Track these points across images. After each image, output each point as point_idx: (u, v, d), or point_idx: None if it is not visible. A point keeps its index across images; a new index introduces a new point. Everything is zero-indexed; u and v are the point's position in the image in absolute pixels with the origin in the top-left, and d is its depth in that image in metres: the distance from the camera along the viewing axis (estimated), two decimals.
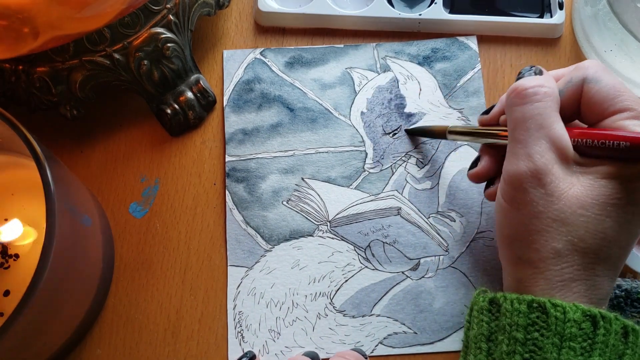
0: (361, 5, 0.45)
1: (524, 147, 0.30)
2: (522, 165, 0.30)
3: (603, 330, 0.28)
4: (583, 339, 0.28)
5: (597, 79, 0.31)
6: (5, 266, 0.36)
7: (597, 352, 0.28)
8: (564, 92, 0.32)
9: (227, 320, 0.38)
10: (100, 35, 0.37)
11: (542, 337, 0.28)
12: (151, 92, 0.40)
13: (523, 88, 0.31)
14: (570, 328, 0.28)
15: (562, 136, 0.30)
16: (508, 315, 0.29)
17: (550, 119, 0.30)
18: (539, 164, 0.30)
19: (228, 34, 0.45)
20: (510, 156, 0.31)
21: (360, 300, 0.38)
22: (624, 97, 0.30)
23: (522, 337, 0.29)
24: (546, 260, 0.29)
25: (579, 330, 0.28)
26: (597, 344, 0.28)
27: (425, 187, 0.41)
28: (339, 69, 0.44)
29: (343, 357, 0.34)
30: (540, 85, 0.31)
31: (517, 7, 0.45)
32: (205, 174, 0.41)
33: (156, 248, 0.39)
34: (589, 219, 0.29)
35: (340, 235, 0.39)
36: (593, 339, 0.28)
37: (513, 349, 0.29)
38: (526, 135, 0.30)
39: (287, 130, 0.42)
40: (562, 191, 0.29)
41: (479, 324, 0.31)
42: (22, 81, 0.38)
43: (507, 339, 0.29)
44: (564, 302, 0.28)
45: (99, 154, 0.42)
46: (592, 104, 0.31)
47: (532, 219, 0.30)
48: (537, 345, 0.28)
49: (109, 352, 0.37)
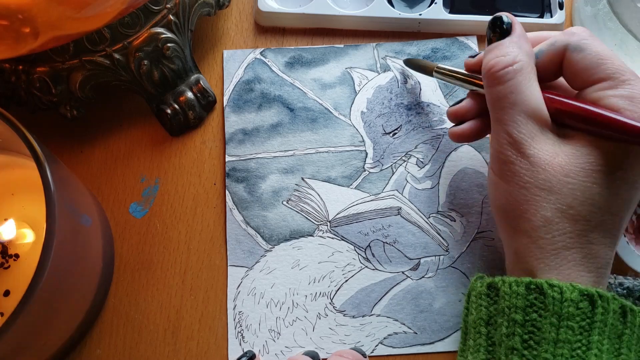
0: (361, 5, 0.45)
1: (502, 124, 0.31)
2: (504, 141, 0.31)
3: (601, 309, 0.28)
4: (581, 318, 0.28)
5: (581, 47, 0.31)
6: (5, 266, 0.36)
7: (597, 330, 0.28)
8: (544, 53, 0.33)
9: (227, 320, 0.38)
10: (100, 35, 0.37)
11: (540, 317, 0.28)
12: (151, 92, 0.40)
13: (494, 70, 0.32)
14: (567, 307, 0.28)
15: (537, 108, 0.31)
16: (507, 298, 0.30)
17: (522, 95, 0.31)
18: (517, 139, 0.31)
19: (228, 34, 0.45)
20: (493, 133, 0.32)
21: (360, 300, 0.38)
22: (607, 65, 0.31)
23: (520, 319, 0.29)
24: (537, 229, 0.30)
25: (576, 309, 0.28)
26: (596, 322, 0.28)
27: (425, 187, 0.41)
28: (339, 69, 0.44)
29: (342, 356, 0.34)
30: (511, 62, 0.31)
31: (517, 7, 0.45)
32: (205, 174, 0.41)
33: (156, 248, 0.39)
34: (576, 186, 0.29)
35: (341, 235, 0.39)
36: (592, 318, 0.28)
37: (512, 330, 0.29)
38: (502, 113, 0.31)
39: (287, 130, 0.42)
40: (546, 161, 0.30)
41: (478, 308, 0.31)
42: (22, 81, 0.38)
43: (507, 321, 0.29)
44: (561, 282, 0.29)
45: (99, 154, 0.42)
46: (575, 72, 0.32)
47: (521, 189, 0.30)
48: (535, 326, 0.28)
49: (109, 352, 0.37)
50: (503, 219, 0.32)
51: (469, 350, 0.31)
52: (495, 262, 0.39)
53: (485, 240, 0.39)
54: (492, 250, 0.39)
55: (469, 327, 0.32)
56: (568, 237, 0.29)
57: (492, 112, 0.32)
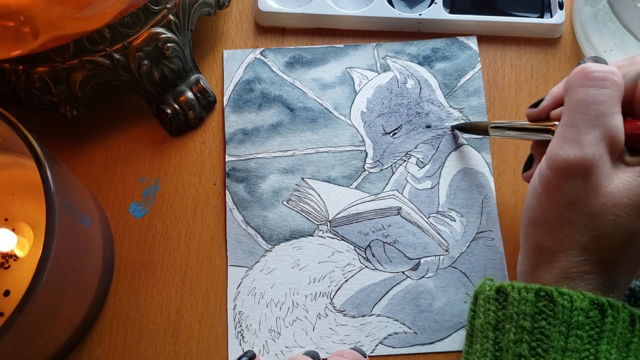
0: (361, 5, 0.45)
1: (577, 132, 0.28)
2: (570, 152, 0.28)
3: (611, 318, 0.28)
4: (590, 327, 0.28)
5: None
6: (6, 266, 0.36)
7: (605, 340, 0.28)
8: None
9: (227, 320, 0.38)
10: (100, 35, 0.37)
11: (549, 325, 0.28)
12: (151, 92, 0.40)
13: (592, 70, 0.29)
14: (577, 316, 0.28)
15: (619, 129, 0.28)
16: (515, 304, 0.29)
17: (613, 109, 0.28)
18: (587, 153, 0.28)
19: (228, 34, 0.45)
20: (559, 139, 0.29)
21: (360, 300, 0.38)
22: None
23: (529, 326, 0.28)
24: (567, 251, 0.29)
25: (586, 318, 0.28)
26: (605, 332, 0.28)
27: (425, 186, 0.41)
28: (339, 69, 0.44)
29: (342, 356, 0.34)
30: (612, 72, 0.29)
31: (517, 7, 0.45)
32: (205, 174, 0.41)
33: (156, 248, 0.39)
34: (621, 219, 0.28)
35: (341, 235, 0.39)
36: (601, 327, 0.28)
37: (520, 337, 0.29)
38: (583, 119, 0.28)
39: (287, 130, 0.42)
40: (601, 186, 0.28)
41: (486, 312, 0.31)
42: (22, 81, 0.38)
43: (515, 327, 0.29)
44: (571, 290, 0.28)
45: (99, 154, 0.42)
46: None
47: (564, 209, 0.29)
48: (544, 333, 0.28)
49: (109, 352, 0.37)
50: (531, 231, 0.31)
51: (475, 354, 0.31)
52: (495, 262, 0.39)
53: (485, 240, 0.39)
54: (492, 250, 0.39)
55: (476, 331, 0.31)
56: (593, 264, 0.29)
57: (570, 114, 0.29)
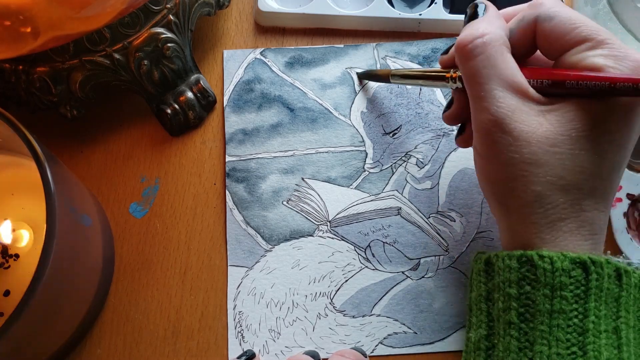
0: (361, 5, 0.45)
1: (480, 101, 0.30)
2: (484, 118, 0.30)
3: (595, 275, 0.28)
4: (575, 287, 0.28)
5: (551, 16, 0.30)
6: (6, 266, 0.36)
7: (592, 297, 0.28)
8: (516, 30, 0.32)
9: (227, 320, 0.38)
10: (100, 35, 0.37)
11: (533, 290, 0.28)
12: (151, 92, 0.40)
13: (464, 45, 0.30)
14: (559, 277, 0.28)
15: (514, 80, 0.30)
16: (501, 273, 0.30)
17: (496, 68, 0.30)
18: (497, 114, 0.29)
19: (228, 34, 0.45)
20: (473, 111, 0.31)
21: (361, 300, 0.38)
22: (581, 29, 0.30)
23: (515, 293, 0.29)
24: (529, 205, 0.29)
25: (569, 278, 0.28)
26: (591, 289, 0.28)
27: (425, 187, 0.41)
28: (339, 69, 0.44)
29: (342, 356, 0.34)
30: (480, 35, 0.30)
31: None
32: (205, 174, 0.41)
33: (156, 248, 0.39)
34: (564, 155, 0.29)
35: (341, 235, 0.39)
36: (586, 285, 0.28)
37: (508, 305, 0.29)
38: (479, 89, 0.30)
39: (287, 130, 0.42)
40: (530, 133, 0.29)
41: (478, 285, 0.31)
42: (22, 81, 0.38)
43: (502, 295, 0.29)
44: (551, 252, 0.28)
45: (99, 154, 0.42)
46: (549, 41, 0.31)
47: (507, 166, 0.29)
48: (530, 298, 0.28)
49: (109, 352, 0.37)
50: (493, 198, 0.32)
51: (472, 327, 0.31)
52: None
53: (485, 240, 0.39)
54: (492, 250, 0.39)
55: (472, 304, 0.32)
56: (561, 209, 0.29)
57: (469, 90, 0.31)
